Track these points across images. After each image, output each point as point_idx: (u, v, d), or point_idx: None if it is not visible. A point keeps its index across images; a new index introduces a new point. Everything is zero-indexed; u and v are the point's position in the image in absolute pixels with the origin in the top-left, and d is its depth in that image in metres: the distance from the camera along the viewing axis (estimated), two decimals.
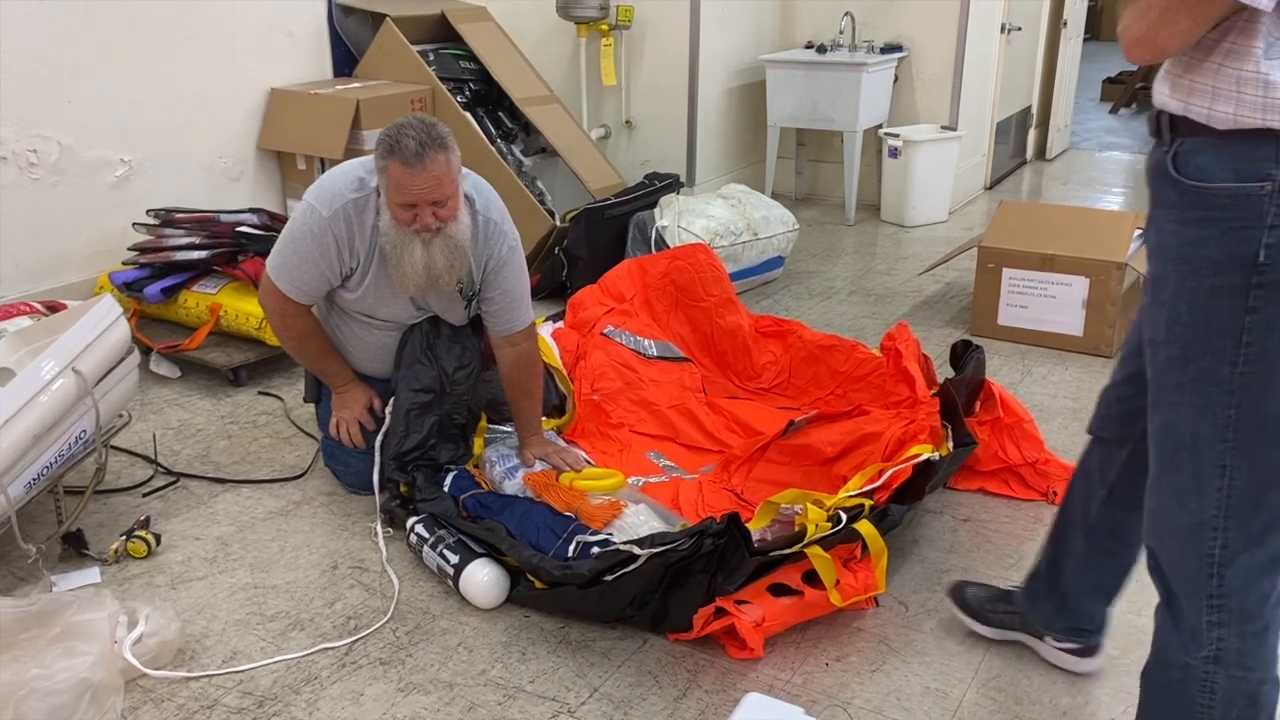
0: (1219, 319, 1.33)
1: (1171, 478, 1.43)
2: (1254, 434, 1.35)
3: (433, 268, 2.32)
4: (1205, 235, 1.32)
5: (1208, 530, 1.40)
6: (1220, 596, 1.41)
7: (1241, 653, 1.42)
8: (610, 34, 4.95)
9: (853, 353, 2.94)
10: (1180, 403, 1.39)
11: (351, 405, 2.56)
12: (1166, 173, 1.36)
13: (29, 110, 3.33)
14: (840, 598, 2.04)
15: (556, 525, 2.20)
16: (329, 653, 2.03)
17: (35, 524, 2.40)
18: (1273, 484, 1.37)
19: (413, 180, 2.23)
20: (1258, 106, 1.26)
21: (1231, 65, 1.27)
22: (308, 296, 2.44)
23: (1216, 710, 1.45)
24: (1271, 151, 1.27)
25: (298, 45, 4.14)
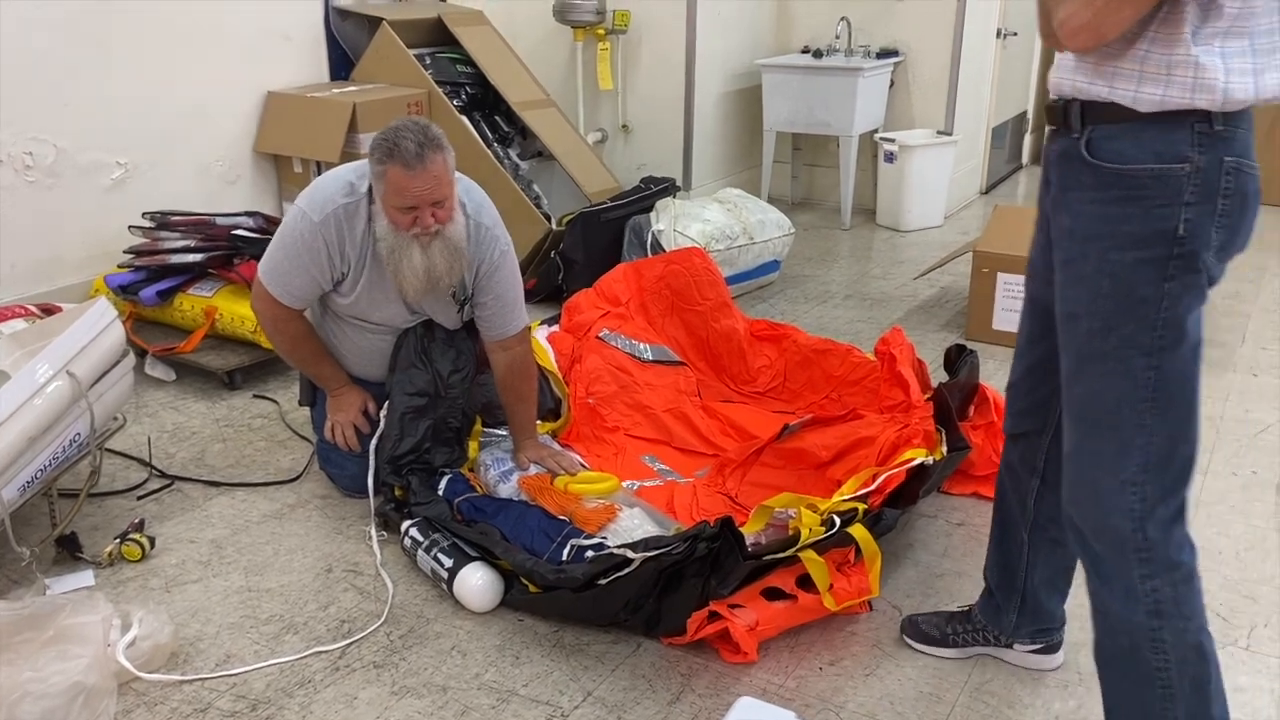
0: (1140, 288, 1.42)
1: (1096, 444, 1.50)
2: (1168, 393, 1.45)
3: (433, 270, 2.32)
4: (1129, 212, 1.41)
5: (1129, 488, 1.48)
6: (1146, 549, 1.49)
7: (1176, 600, 1.49)
8: (607, 38, 4.96)
9: (847, 357, 2.94)
10: (1105, 370, 1.47)
11: (346, 409, 2.56)
12: (1080, 158, 1.45)
13: (25, 113, 3.33)
14: (834, 602, 2.05)
15: (551, 529, 2.20)
16: (323, 656, 2.03)
17: (29, 527, 2.40)
18: (1179, 438, 1.48)
19: (414, 182, 2.22)
20: (1187, 88, 1.34)
21: (1159, 50, 1.35)
22: (299, 301, 2.44)
23: (1173, 670, 1.50)
24: (1188, 135, 1.37)
25: (295, 49, 4.15)
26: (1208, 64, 1.33)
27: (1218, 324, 3.80)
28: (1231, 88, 1.34)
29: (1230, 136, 1.39)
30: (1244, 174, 1.41)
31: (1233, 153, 1.39)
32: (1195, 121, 1.37)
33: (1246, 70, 1.35)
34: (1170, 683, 1.51)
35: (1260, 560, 2.33)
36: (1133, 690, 1.55)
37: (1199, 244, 1.40)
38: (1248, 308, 3.97)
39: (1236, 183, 1.40)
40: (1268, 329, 3.75)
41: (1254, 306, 3.99)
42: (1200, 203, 1.39)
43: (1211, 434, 2.94)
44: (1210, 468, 2.75)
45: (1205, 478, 2.70)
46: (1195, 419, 1.49)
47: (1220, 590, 2.22)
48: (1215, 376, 3.33)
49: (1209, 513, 2.53)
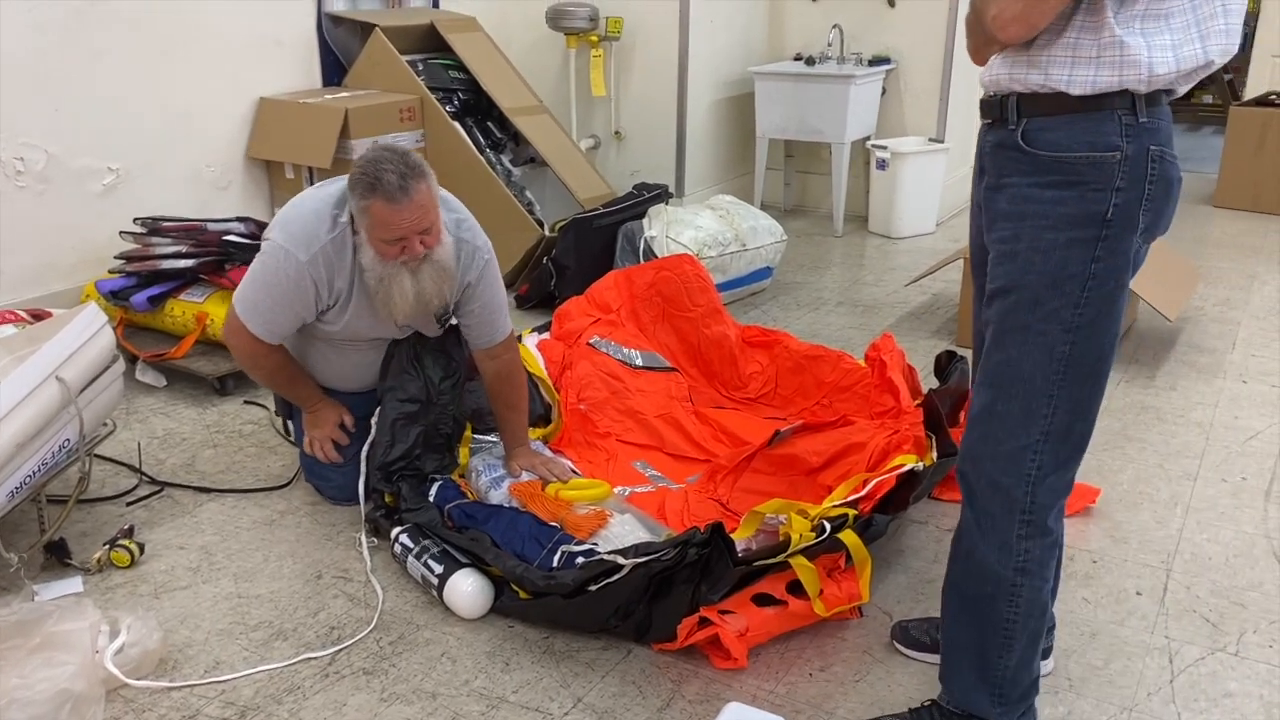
0: (1070, 267, 1.52)
1: (1005, 407, 1.59)
2: (1079, 369, 1.56)
3: (422, 295, 2.30)
4: (1064, 195, 1.51)
5: (1029, 454, 1.59)
6: (1031, 513, 1.61)
7: (1042, 563, 1.64)
8: (600, 45, 4.97)
9: (839, 363, 2.95)
10: (1025, 341, 1.56)
11: (323, 424, 2.56)
12: (1016, 147, 1.54)
13: (15, 118, 3.32)
14: (824, 608, 2.05)
15: (541, 535, 2.20)
16: (312, 663, 2.02)
17: (18, 533, 2.39)
18: (1079, 415, 1.59)
19: (399, 215, 2.19)
20: (1115, 66, 1.45)
21: (1088, 37, 1.46)
22: (279, 337, 2.43)
23: (1019, 623, 1.65)
24: (1115, 125, 1.48)
25: (287, 54, 4.15)
26: (1131, 43, 1.44)
27: (1207, 330, 3.81)
28: (1154, 63, 1.45)
29: (1154, 127, 1.50)
30: (1166, 162, 1.52)
31: (1157, 142, 1.50)
32: (1122, 113, 1.48)
33: (1166, 46, 1.46)
34: (1014, 634, 1.66)
35: (1249, 567, 2.34)
36: (978, 634, 1.69)
37: (1126, 227, 1.51)
38: (1237, 314, 3.99)
39: (1160, 169, 1.51)
40: (1257, 335, 3.77)
41: (1243, 313, 4.00)
42: (1129, 188, 1.50)
43: (1201, 440, 2.95)
44: (1200, 474, 2.76)
45: (1195, 484, 2.70)
46: (1098, 400, 1.61)
47: (1209, 596, 2.23)
48: (1205, 383, 3.35)
49: (1198, 519, 2.54)
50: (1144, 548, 2.42)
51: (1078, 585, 2.27)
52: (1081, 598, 2.22)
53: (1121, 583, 2.28)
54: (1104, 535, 2.47)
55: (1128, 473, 2.77)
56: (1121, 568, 2.34)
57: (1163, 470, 2.78)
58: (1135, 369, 3.47)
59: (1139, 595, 2.24)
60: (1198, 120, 8.81)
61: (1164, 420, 3.08)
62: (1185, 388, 3.31)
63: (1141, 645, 2.07)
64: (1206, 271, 4.50)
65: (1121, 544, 2.43)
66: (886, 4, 5.29)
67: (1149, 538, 2.46)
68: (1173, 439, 2.96)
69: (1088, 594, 2.24)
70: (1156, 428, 3.03)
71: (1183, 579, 2.29)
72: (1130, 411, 3.14)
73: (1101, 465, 2.80)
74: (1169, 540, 2.45)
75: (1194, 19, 1.47)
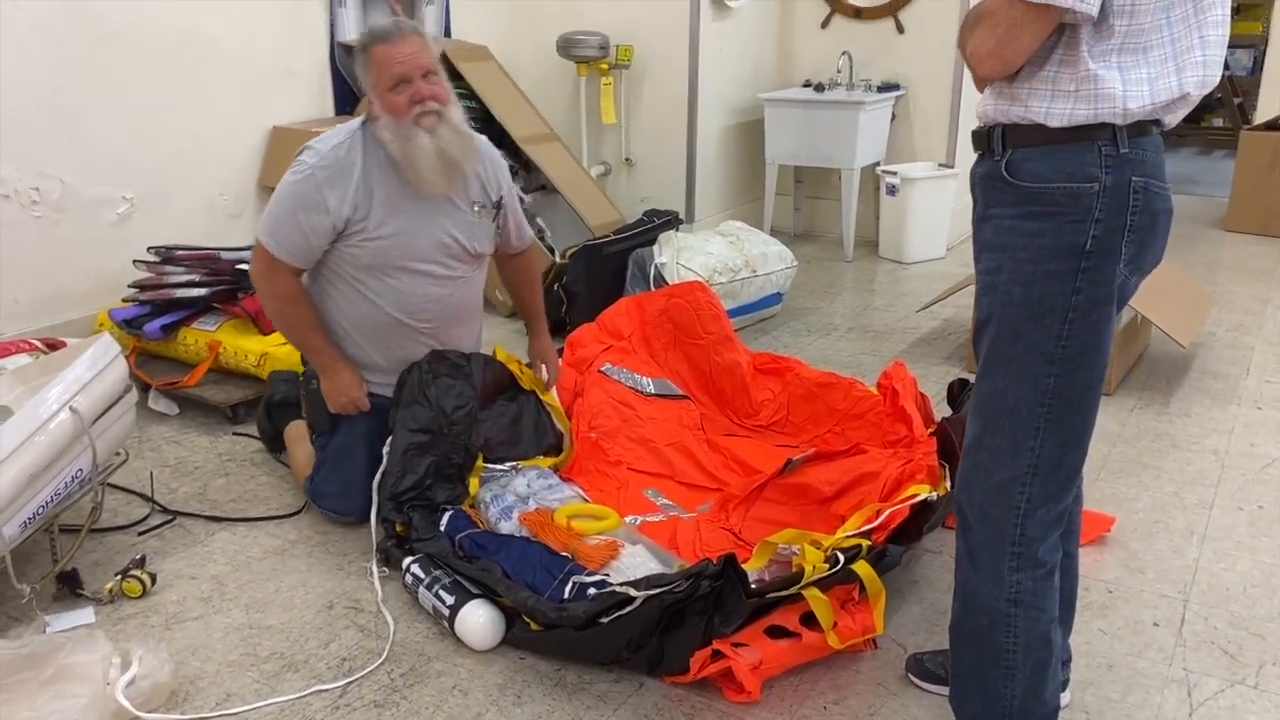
0: (1050, 299, 1.53)
1: (993, 439, 1.61)
2: (1065, 401, 1.56)
3: (445, 154, 2.43)
4: (1043, 227, 1.52)
5: (1017, 486, 1.59)
6: (1021, 544, 1.61)
7: (1035, 594, 1.63)
8: (610, 73, 5.00)
9: (850, 390, 2.94)
10: (1008, 373, 1.57)
11: (347, 388, 2.56)
12: (1001, 178, 1.56)
13: (31, 148, 3.35)
14: (838, 640, 2.03)
15: (553, 566, 2.19)
16: (323, 695, 2.01)
17: (30, 563, 2.39)
18: (1070, 447, 1.60)
19: (398, 49, 2.38)
20: (1091, 100, 1.47)
21: (1067, 71, 1.49)
22: (296, 257, 2.46)
23: (1019, 653, 1.64)
24: (1096, 157, 1.49)
25: (299, 84, 4.18)
26: (1105, 76, 1.47)
27: (1221, 356, 3.80)
28: (1129, 96, 1.47)
29: (1138, 158, 1.51)
30: (1152, 192, 1.53)
31: (1141, 173, 1.51)
32: (1102, 144, 1.49)
33: (1142, 80, 1.48)
34: (1015, 664, 1.65)
35: (1268, 597, 2.31)
36: (979, 666, 1.69)
37: (1107, 258, 1.52)
38: (1251, 340, 3.97)
39: (1145, 200, 1.52)
40: (1271, 361, 3.74)
41: (1257, 339, 3.98)
42: (1108, 219, 1.50)
43: (1217, 468, 2.93)
44: (1216, 502, 2.74)
45: (1211, 512, 2.68)
46: (1088, 431, 1.61)
47: (1228, 627, 2.20)
48: (1219, 409, 3.33)
49: (1215, 548, 2.51)
50: (1161, 578, 2.39)
51: (1094, 616, 2.24)
52: (1098, 629, 2.20)
53: (1138, 614, 2.26)
54: (1120, 565, 2.45)
55: (1143, 501, 2.75)
56: (1138, 598, 2.32)
57: (1178, 498, 2.76)
58: (1149, 395, 3.45)
59: (1156, 626, 2.21)
60: (1209, 144, 8.81)
61: (1179, 447, 3.06)
62: (1199, 414, 3.29)
63: (1159, 677, 2.05)
64: (1219, 296, 4.49)
65: (1138, 574, 2.41)
66: (896, 31, 5.31)
67: (1165, 567, 2.44)
68: (1188, 466, 2.94)
69: (1104, 625, 2.22)
70: (1171, 455, 3.01)
71: (1200, 610, 2.27)
72: (1144, 438, 3.12)
73: (1116, 493, 2.78)
74: (1186, 570, 2.42)
75: (1171, 52, 1.48)
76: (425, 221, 2.52)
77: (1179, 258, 5.07)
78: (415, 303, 2.56)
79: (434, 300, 2.58)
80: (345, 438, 2.60)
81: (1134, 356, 3.70)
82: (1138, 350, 3.74)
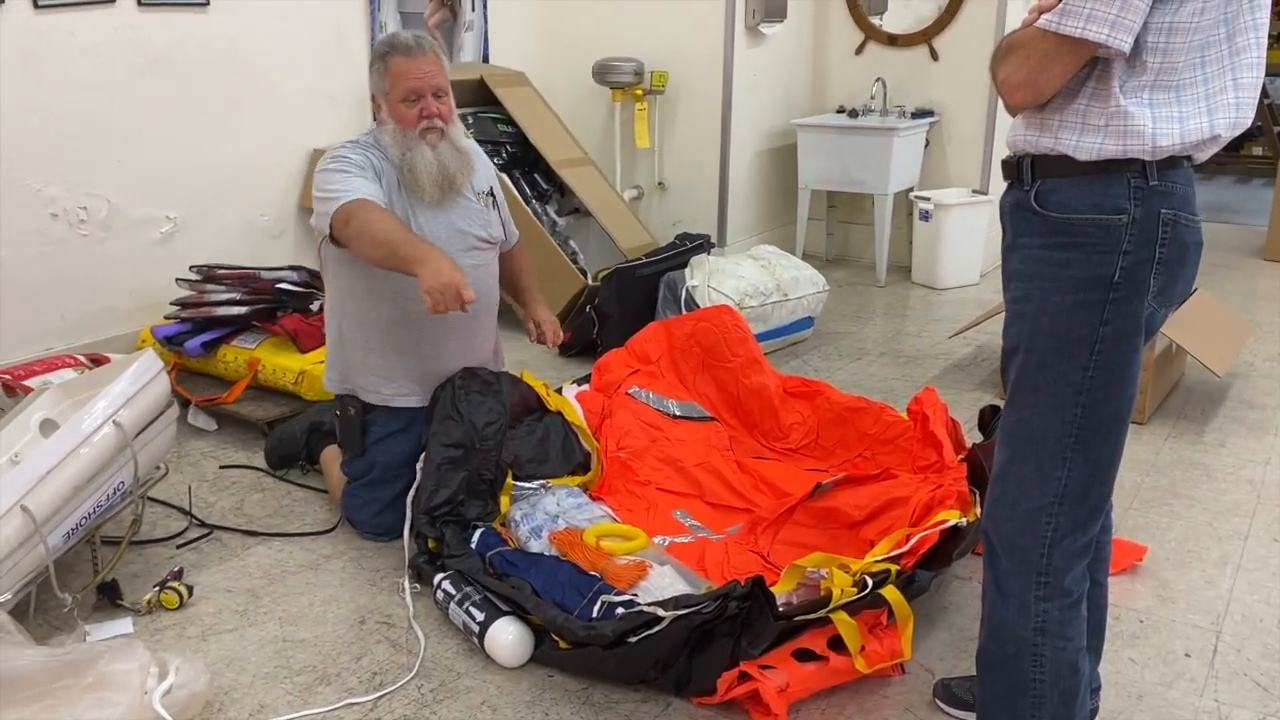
0: (1077, 330, 1.53)
1: (1019, 468, 1.61)
2: (1092, 432, 1.56)
3: (445, 167, 2.54)
4: (1071, 258, 1.53)
5: (1044, 516, 1.59)
6: (1047, 574, 1.61)
7: (1062, 623, 1.62)
8: (644, 98, 5.05)
9: (881, 415, 2.94)
10: (1035, 403, 1.58)
11: (449, 272, 2.23)
12: (1030, 208, 1.57)
13: (80, 169, 3.44)
14: (865, 664, 2.03)
15: (582, 585, 2.21)
16: (354, 708, 2.04)
17: (72, 573, 2.45)
18: (1097, 478, 1.60)
19: (416, 65, 2.50)
20: (1120, 135, 1.48)
21: (1098, 105, 1.50)
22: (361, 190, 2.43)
23: (1047, 682, 1.64)
24: (1124, 189, 1.50)
25: (340, 108, 4.26)
26: (1136, 113, 1.47)
27: (1257, 386, 3.76)
28: (1158, 134, 1.48)
29: (1167, 190, 1.51)
30: (1181, 225, 1.53)
31: (1170, 205, 1.52)
32: (1131, 176, 1.50)
33: (1173, 118, 1.48)
34: (1042, 693, 1.64)
35: None
36: (1007, 694, 1.68)
37: (1135, 290, 1.52)
38: None
39: (1174, 233, 1.52)
40: None
41: None
42: (1137, 251, 1.51)
43: (1252, 498, 2.90)
44: (1251, 533, 2.71)
45: (1246, 543, 2.66)
46: (1115, 461, 1.62)
47: (1260, 659, 2.18)
48: (1256, 439, 3.29)
49: (1249, 579, 2.49)
50: (1193, 608, 2.37)
51: (1124, 645, 2.23)
52: (1128, 658, 2.19)
53: (1170, 644, 2.24)
54: (1151, 594, 2.43)
55: (1175, 530, 2.73)
56: (1170, 628, 2.30)
57: (1212, 528, 2.74)
58: (1184, 425, 3.42)
59: (1188, 657, 2.20)
60: (1248, 173, 8.73)
61: (1213, 477, 3.04)
62: (1235, 444, 3.26)
63: (1190, 708, 2.03)
64: (1257, 326, 4.44)
65: (1169, 604, 2.39)
66: (930, 58, 5.33)
67: (1198, 598, 2.41)
68: (1222, 496, 2.92)
69: (1135, 654, 2.20)
70: (1205, 485, 2.99)
71: (1233, 641, 2.25)
72: (1178, 468, 3.10)
73: (1149, 523, 2.76)
74: (1219, 600, 2.40)
75: (1204, 92, 1.49)
76: (442, 216, 2.61)
77: (1216, 286, 5.03)
78: None
79: None
80: (376, 458, 2.64)
81: (1169, 385, 3.67)
82: (1173, 379, 3.71)
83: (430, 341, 2.63)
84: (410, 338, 2.62)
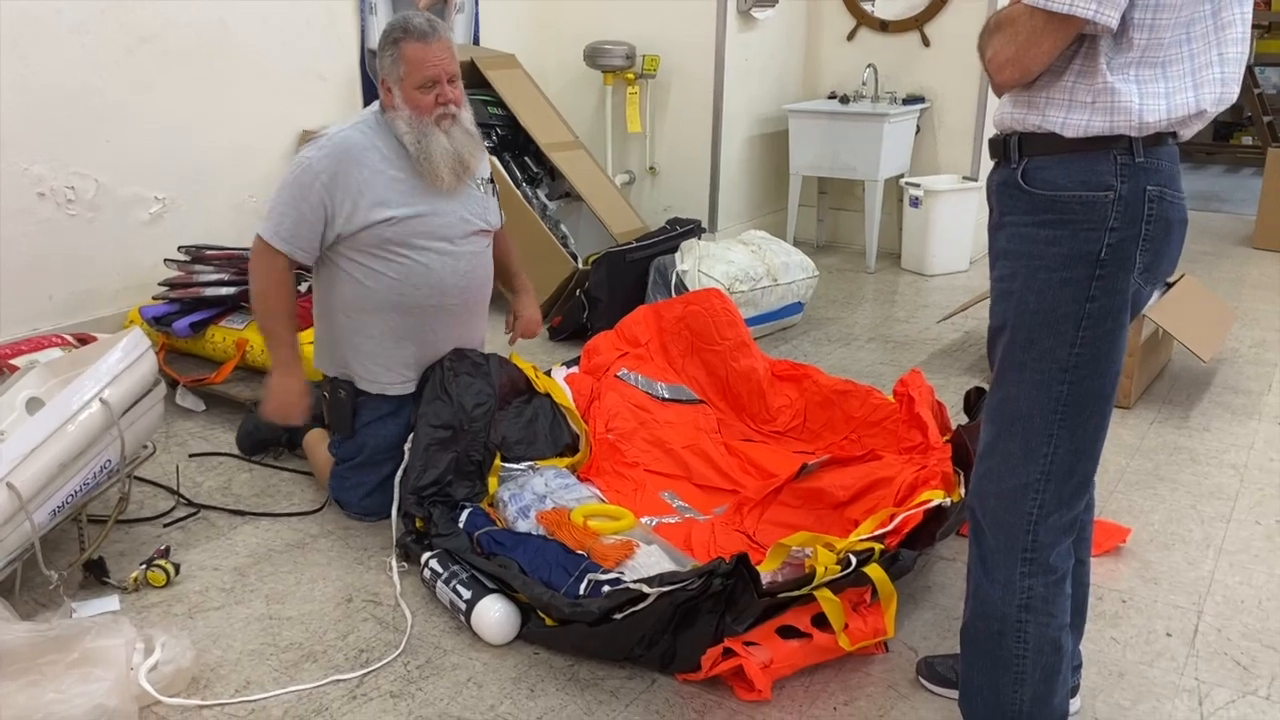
0: (1063, 306, 1.54)
1: (1006, 445, 1.61)
2: (1078, 408, 1.57)
3: (460, 154, 2.53)
4: (1058, 235, 1.53)
5: (1030, 492, 1.60)
6: (1033, 550, 1.62)
7: (1046, 599, 1.63)
8: (636, 83, 5.05)
9: (868, 398, 2.95)
10: (1022, 380, 1.58)
11: (292, 393, 2.55)
12: (1017, 186, 1.57)
13: (67, 148, 3.43)
14: (849, 641, 2.05)
15: (569, 563, 2.22)
16: (340, 684, 2.05)
17: (58, 551, 2.45)
18: (1083, 454, 1.60)
19: (431, 51, 2.45)
20: (1108, 112, 1.48)
21: (1085, 82, 1.50)
22: (290, 244, 2.50)
23: (1029, 658, 1.65)
24: (1111, 165, 1.51)
25: (330, 89, 4.25)
26: (1123, 90, 1.48)
27: (1243, 372, 3.78)
28: (1145, 110, 1.48)
29: (1153, 167, 1.52)
30: (1167, 202, 1.53)
31: (1156, 182, 1.52)
32: (1118, 152, 1.50)
33: (1159, 94, 1.49)
34: (1024, 669, 1.66)
35: None
36: (990, 670, 1.69)
37: (1121, 267, 1.53)
38: (1274, 357, 3.95)
39: (1160, 210, 1.53)
40: None
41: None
42: (1123, 227, 1.51)
43: (1235, 482, 2.92)
44: (1234, 516, 2.73)
45: (1228, 526, 2.68)
46: (1100, 438, 1.62)
47: (1240, 639, 2.20)
48: (1240, 424, 3.31)
49: (1231, 561, 2.51)
50: (1175, 589, 2.39)
51: (1106, 625, 2.25)
52: (1110, 637, 2.21)
53: (1151, 623, 2.26)
54: (1134, 575, 2.45)
55: (1159, 513, 2.75)
56: (1152, 608, 2.32)
57: (1195, 511, 2.76)
58: (1169, 409, 3.44)
59: (1169, 636, 2.21)
60: (1237, 162, 8.76)
61: (1197, 461, 3.06)
62: (1219, 429, 3.28)
63: (1171, 686, 2.05)
64: (1243, 313, 4.46)
65: (1152, 584, 2.41)
66: (922, 44, 5.33)
67: (1180, 579, 2.43)
68: (1206, 480, 2.94)
69: (1116, 634, 2.22)
70: (1190, 469, 3.01)
71: (1214, 621, 2.27)
72: (1163, 452, 3.12)
73: (1133, 505, 2.78)
74: (1201, 582, 2.42)
75: (1190, 68, 1.50)
76: (444, 203, 2.59)
77: (1204, 274, 5.05)
78: (446, 279, 2.60)
79: (461, 275, 2.63)
80: (366, 441, 2.64)
81: (1155, 370, 3.69)
82: (1159, 364, 3.73)
83: (431, 329, 2.63)
84: (410, 325, 2.62)
